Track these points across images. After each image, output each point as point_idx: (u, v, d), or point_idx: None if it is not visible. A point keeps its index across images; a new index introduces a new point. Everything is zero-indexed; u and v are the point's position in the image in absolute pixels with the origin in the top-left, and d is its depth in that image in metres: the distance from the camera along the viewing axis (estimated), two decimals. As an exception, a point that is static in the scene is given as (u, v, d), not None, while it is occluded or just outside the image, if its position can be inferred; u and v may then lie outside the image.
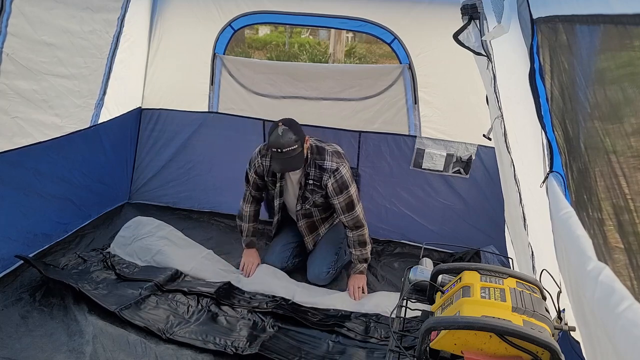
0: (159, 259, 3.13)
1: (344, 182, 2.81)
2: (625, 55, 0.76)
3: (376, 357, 2.39)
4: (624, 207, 0.79)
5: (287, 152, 2.65)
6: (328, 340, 2.50)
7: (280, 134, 2.63)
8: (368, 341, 2.50)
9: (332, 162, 2.81)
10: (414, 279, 1.60)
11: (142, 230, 3.34)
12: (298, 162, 2.72)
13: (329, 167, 2.80)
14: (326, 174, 2.81)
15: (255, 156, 2.98)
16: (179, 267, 3.06)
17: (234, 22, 3.60)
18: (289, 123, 2.71)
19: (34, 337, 2.40)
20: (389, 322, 2.56)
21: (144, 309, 2.64)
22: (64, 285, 2.72)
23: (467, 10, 1.88)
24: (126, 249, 3.23)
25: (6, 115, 2.68)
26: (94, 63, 3.22)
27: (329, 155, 2.83)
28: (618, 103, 0.78)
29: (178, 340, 2.42)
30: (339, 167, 2.80)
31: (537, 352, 1.10)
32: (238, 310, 2.71)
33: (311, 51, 11.81)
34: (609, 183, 0.84)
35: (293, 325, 2.60)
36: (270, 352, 2.34)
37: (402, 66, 3.44)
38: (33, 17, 2.63)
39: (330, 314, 2.71)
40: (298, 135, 2.68)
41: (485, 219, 3.44)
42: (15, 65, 2.61)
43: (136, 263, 3.12)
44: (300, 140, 2.69)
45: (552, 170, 1.24)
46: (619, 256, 0.81)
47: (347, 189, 2.82)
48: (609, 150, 0.83)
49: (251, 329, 2.56)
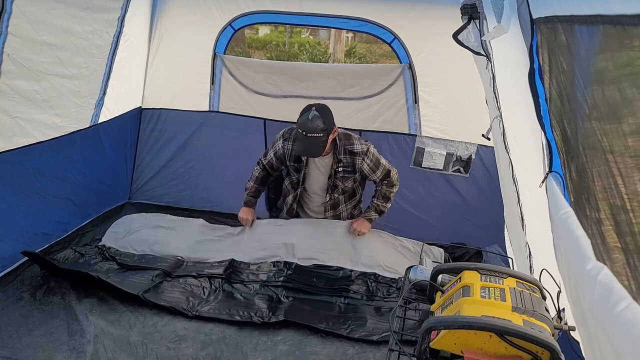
0: (157, 248, 3.17)
1: (377, 160, 2.91)
2: (624, 55, 0.77)
3: (382, 312, 2.66)
4: (621, 206, 0.79)
5: (311, 138, 2.68)
6: (339, 303, 2.73)
7: (310, 118, 2.67)
8: (373, 299, 2.74)
9: (360, 145, 2.88)
10: (414, 278, 1.60)
11: (134, 225, 3.40)
12: (319, 149, 2.74)
13: (359, 150, 2.88)
14: (359, 158, 2.89)
15: (279, 138, 3.01)
16: (178, 253, 3.11)
17: (234, 22, 3.60)
18: (322, 109, 2.74)
19: (34, 336, 2.39)
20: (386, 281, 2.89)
21: (162, 293, 2.74)
22: (71, 279, 2.74)
23: (466, 10, 1.88)
24: (118, 242, 3.25)
25: (7, 116, 2.68)
26: (94, 63, 3.23)
27: (357, 140, 2.90)
28: (616, 103, 0.79)
29: (205, 316, 2.56)
30: (369, 147, 2.89)
31: (537, 352, 1.10)
32: (250, 287, 2.84)
33: (311, 51, 11.80)
34: (607, 183, 0.84)
35: (304, 294, 2.78)
36: (295, 317, 2.53)
37: (402, 66, 3.44)
38: (34, 17, 2.63)
39: (332, 276, 2.90)
40: (327, 124, 2.70)
41: (485, 218, 3.44)
42: (16, 65, 2.61)
43: (133, 253, 3.15)
44: (328, 130, 2.71)
45: (551, 170, 1.24)
46: (617, 256, 0.81)
47: (381, 165, 2.93)
48: (606, 150, 0.83)
49: (268, 301, 2.72)
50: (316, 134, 2.67)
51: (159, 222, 3.46)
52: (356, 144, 2.88)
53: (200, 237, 3.30)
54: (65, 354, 2.28)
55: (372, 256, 3.03)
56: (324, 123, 2.68)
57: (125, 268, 2.97)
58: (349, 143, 2.88)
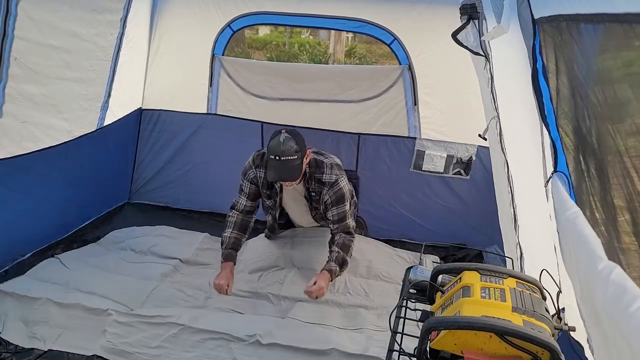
0: (156, 250, 3.18)
1: (341, 196, 2.69)
2: (630, 53, 0.76)
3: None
4: (632, 206, 0.78)
5: (285, 161, 2.50)
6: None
7: (282, 141, 2.50)
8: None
9: (330, 175, 2.69)
10: (414, 278, 1.60)
11: (135, 232, 3.42)
12: (295, 172, 2.55)
13: (327, 180, 2.69)
14: (325, 187, 2.69)
15: (250, 166, 2.79)
16: (178, 256, 3.12)
17: (234, 23, 3.60)
18: (292, 132, 2.58)
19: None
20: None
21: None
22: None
23: (466, 10, 1.88)
24: (118, 245, 3.28)
25: (15, 120, 2.67)
26: (99, 65, 3.22)
27: (328, 168, 2.70)
28: (623, 101, 0.78)
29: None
30: (338, 179, 2.69)
31: (537, 352, 1.10)
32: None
33: (311, 51, 11.78)
34: (618, 182, 0.83)
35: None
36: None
37: (402, 67, 3.43)
38: (39, 20, 2.62)
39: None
40: (300, 146, 2.54)
41: (485, 220, 3.43)
42: (22, 70, 2.60)
43: (134, 250, 3.21)
44: (301, 152, 2.54)
45: (556, 170, 1.24)
46: (629, 255, 0.81)
47: (342, 205, 2.70)
48: (620, 150, 0.83)
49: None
50: (290, 156, 2.49)
51: (162, 232, 3.47)
52: (326, 172, 2.68)
53: (203, 245, 3.31)
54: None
55: (370, 267, 3.01)
56: (297, 144, 2.51)
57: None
58: (319, 171, 2.69)
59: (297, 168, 2.54)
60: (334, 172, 2.70)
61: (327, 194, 2.70)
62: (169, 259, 3.13)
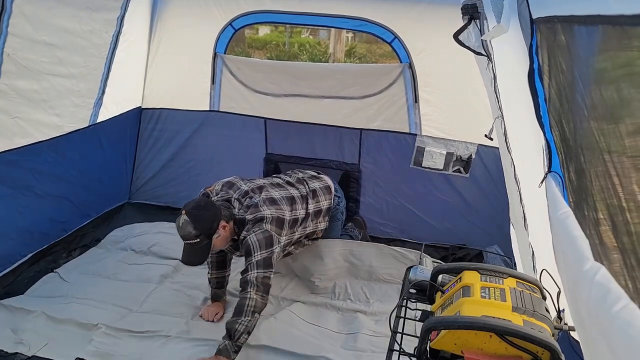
0: (156, 250, 3.21)
1: (247, 249, 2.41)
2: (623, 55, 0.76)
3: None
4: (618, 207, 0.79)
5: (186, 245, 2.35)
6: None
7: (180, 225, 2.31)
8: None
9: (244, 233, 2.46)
10: (414, 278, 1.60)
11: (136, 231, 3.45)
12: (200, 256, 2.37)
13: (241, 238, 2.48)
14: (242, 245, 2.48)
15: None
16: (178, 256, 3.03)
17: (235, 22, 3.60)
18: (194, 212, 2.34)
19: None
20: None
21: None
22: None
23: (467, 10, 1.88)
24: (118, 245, 3.31)
25: (7, 116, 2.68)
26: (93, 62, 3.22)
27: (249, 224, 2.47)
28: (615, 104, 0.78)
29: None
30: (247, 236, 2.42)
31: (537, 352, 1.10)
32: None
33: (311, 51, 11.78)
34: (605, 183, 0.84)
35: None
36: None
37: (403, 65, 3.44)
38: (33, 17, 2.63)
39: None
40: (201, 227, 2.30)
41: (485, 218, 3.44)
42: (15, 65, 2.61)
43: (134, 250, 3.24)
44: (204, 233, 2.32)
45: (550, 170, 1.24)
46: (615, 256, 0.81)
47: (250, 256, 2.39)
48: (604, 151, 0.83)
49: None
50: (190, 240, 2.31)
51: (160, 228, 3.49)
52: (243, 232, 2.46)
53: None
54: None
55: (371, 271, 3.01)
56: (195, 228, 2.28)
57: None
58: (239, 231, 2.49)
59: (200, 251, 2.36)
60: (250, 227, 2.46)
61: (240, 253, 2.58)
62: (168, 259, 3.14)
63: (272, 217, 2.49)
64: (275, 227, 2.49)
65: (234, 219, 2.50)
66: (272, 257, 2.42)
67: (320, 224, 2.93)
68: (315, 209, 2.86)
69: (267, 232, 2.43)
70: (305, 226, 2.81)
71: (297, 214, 2.71)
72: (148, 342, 2.37)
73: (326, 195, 2.95)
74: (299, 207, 2.73)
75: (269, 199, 2.58)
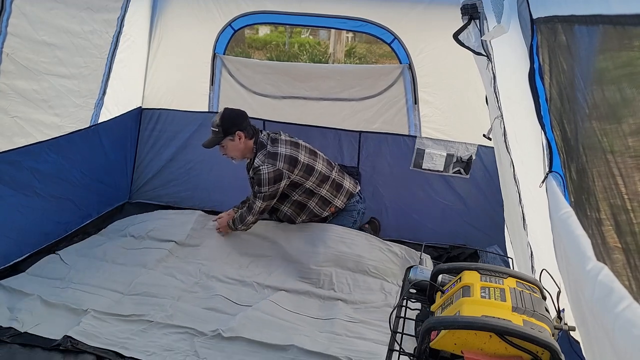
0: (154, 234, 3.26)
1: (259, 180, 2.90)
2: (624, 55, 0.76)
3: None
4: (621, 206, 0.79)
5: (211, 129, 2.96)
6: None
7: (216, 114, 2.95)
8: None
9: (258, 160, 2.91)
10: (414, 278, 1.60)
11: (136, 219, 3.52)
12: (209, 142, 2.99)
13: (255, 164, 2.93)
14: (252, 169, 2.98)
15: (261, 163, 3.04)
16: (174, 238, 3.20)
17: (234, 22, 3.60)
18: (227, 112, 2.96)
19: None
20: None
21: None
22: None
23: (467, 10, 1.88)
24: (119, 233, 3.36)
25: (6, 115, 2.68)
26: (93, 63, 3.22)
27: (261, 154, 2.93)
28: (616, 103, 0.78)
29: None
30: (261, 166, 2.89)
31: (537, 352, 1.10)
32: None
33: (311, 51, 11.78)
34: (607, 183, 0.84)
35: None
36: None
37: (402, 66, 3.44)
38: (33, 17, 2.63)
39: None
40: (223, 123, 2.90)
41: (485, 219, 3.44)
42: (15, 65, 2.61)
43: (134, 236, 3.29)
44: (223, 127, 2.90)
45: (551, 170, 1.24)
46: (617, 256, 0.81)
47: (259, 187, 2.92)
48: (606, 151, 0.83)
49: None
50: (212, 127, 2.94)
51: (160, 215, 3.57)
52: (258, 157, 2.93)
53: (197, 225, 3.37)
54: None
55: (359, 261, 3.00)
56: (221, 121, 2.90)
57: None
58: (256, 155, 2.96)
59: (213, 140, 2.97)
60: (266, 159, 2.91)
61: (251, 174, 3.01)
62: (165, 242, 3.19)
63: (285, 155, 2.93)
64: (288, 164, 2.93)
65: (256, 140, 2.99)
66: (278, 190, 2.96)
67: (337, 200, 3.17)
68: (338, 180, 3.15)
69: (278, 171, 2.89)
70: (322, 184, 3.08)
71: (315, 164, 3.05)
72: (132, 326, 2.48)
73: (351, 181, 3.25)
74: (320, 161, 3.09)
75: (290, 142, 3.03)
